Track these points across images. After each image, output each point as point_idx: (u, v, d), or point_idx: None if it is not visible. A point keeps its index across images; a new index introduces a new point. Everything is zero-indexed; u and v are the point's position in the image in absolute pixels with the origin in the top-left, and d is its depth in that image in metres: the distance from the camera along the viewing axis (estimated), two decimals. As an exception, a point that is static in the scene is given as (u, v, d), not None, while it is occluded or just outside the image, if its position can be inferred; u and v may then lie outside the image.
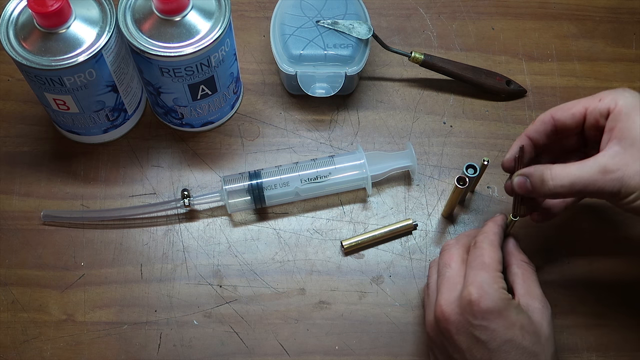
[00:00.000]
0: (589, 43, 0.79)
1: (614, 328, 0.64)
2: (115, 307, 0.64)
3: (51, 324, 0.63)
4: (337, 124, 0.73)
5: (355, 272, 0.66)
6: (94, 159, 0.71)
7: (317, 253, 0.67)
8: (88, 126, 0.68)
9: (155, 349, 0.62)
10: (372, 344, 0.63)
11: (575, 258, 0.67)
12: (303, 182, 0.67)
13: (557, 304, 0.64)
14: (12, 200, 0.69)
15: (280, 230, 0.68)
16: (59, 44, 0.60)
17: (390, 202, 0.69)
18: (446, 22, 0.80)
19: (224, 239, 0.67)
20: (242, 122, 0.73)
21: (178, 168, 0.71)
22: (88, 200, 0.69)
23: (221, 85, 0.67)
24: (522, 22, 0.80)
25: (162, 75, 0.63)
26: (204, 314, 0.64)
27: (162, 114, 0.71)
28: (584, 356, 0.63)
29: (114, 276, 0.66)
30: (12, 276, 0.65)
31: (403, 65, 0.76)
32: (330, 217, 0.69)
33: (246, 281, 0.65)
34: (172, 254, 0.66)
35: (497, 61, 0.77)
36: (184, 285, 0.65)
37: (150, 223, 0.68)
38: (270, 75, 0.76)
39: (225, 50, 0.64)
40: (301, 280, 0.66)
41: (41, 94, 0.64)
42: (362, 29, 0.70)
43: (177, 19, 0.61)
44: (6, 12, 0.61)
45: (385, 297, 0.65)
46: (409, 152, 0.68)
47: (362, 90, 0.75)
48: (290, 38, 0.70)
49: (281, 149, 0.72)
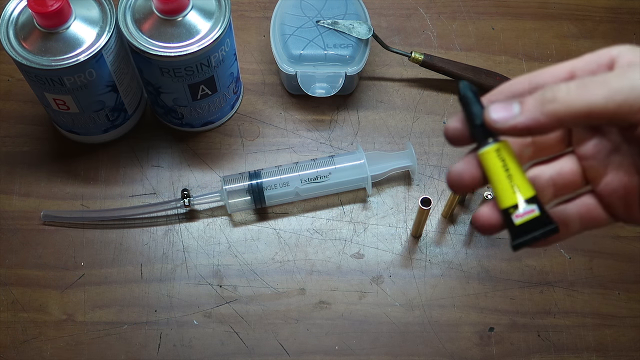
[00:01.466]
0: (589, 43, 0.79)
1: (613, 328, 0.64)
2: (115, 307, 0.64)
3: (51, 324, 0.63)
4: (337, 124, 0.73)
5: (355, 272, 0.66)
6: (94, 159, 0.71)
7: (317, 253, 0.67)
8: (88, 126, 0.68)
9: (155, 349, 0.62)
10: (372, 344, 0.63)
11: (575, 256, 0.67)
12: (303, 182, 0.67)
13: (557, 303, 0.65)
14: (12, 200, 0.69)
15: (280, 230, 0.68)
16: (59, 44, 0.60)
17: (390, 202, 0.69)
18: (446, 22, 0.80)
19: (224, 239, 0.67)
20: (242, 122, 0.73)
21: (178, 168, 0.71)
22: (88, 200, 0.69)
23: (221, 85, 0.67)
24: (522, 22, 0.80)
25: (162, 75, 0.63)
26: (204, 314, 0.64)
27: (162, 114, 0.71)
28: (584, 356, 0.63)
29: (114, 276, 0.66)
30: (12, 276, 0.65)
31: (403, 65, 0.76)
32: (330, 217, 0.69)
33: (246, 281, 0.65)
34: (172, 254, 0.66)
35: (497, 61, 0.77)
36: (184, 285, 0.65)
37: (150, 223, 0.68)
38: (270, 75, 0.76)
39: (225, 50, 0.64)
40: (301, 280, 0.66)
41: (41, 94, 0.64)
42: (362, 29, 0.70)
43: (177, 19, 0.61)
44: (6, 12, 0.61)
45: (385, 297, 0.65)
46: (409, 152, 0.68)
47: (362, 90, 0.75)
48: (290, 38, 0.70)
49: (281, 149, 0.72)
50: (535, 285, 0.65)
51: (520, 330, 0.64)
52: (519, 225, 0.37)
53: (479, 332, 0.63)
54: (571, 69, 0.38)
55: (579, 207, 0.40)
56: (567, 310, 0.64)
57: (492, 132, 0.36)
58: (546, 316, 0.64)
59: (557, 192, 0.40)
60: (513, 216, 0.37)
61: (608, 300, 0.65)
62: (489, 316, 0.64)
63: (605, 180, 0.39)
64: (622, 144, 0.38)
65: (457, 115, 0.38)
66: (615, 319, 0.64)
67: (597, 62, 0.38)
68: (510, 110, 0.36)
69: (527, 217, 0.37)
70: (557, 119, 0.35)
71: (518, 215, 0.37)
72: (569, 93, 0.35)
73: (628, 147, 0.38)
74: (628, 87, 0.34)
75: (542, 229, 0.37)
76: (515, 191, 0.37)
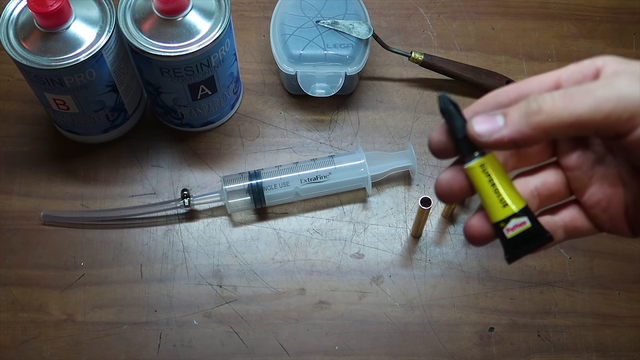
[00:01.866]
0: (589, 43, 0.79)
1: (614, 328, 0.64)
2: (115, 307, 0.64)
3: (51, 324, 0.63)
4: (337, 124, 0.73)
5: (355, 272, 0.66)
6: (94, 159, 0.71)
7: (317, 253, 0.67)
8: (88, 126, 0.68)
9: (155, 349, 0.62)
10: (372, 344, 0.63)
11: (575, 256, 0.67)
12: (303, 182, 0.67)
13: (557, 303, 0.65)
14: (12, 200, 0.69)
15: (280, 230, 0.68)
16: (59, 44, 0.60)
17: (390, 202, 0.69)
18: (446, 22, 0.80)
19: (224, 239, 0.67)
20: (242, 122, 0.73)
21: (178, 168, 0.71)
22: (88, 200, 0.69)
23: (221, 85, 0.67)
24: (522, 22, 0.80)
25: (162, 75, 0.63)
26: (204, 314, 0.64)
27: (162, 114, 0.71)
28: (584, 356, 0.62)
29: (114, 276, 0.66)
30: (12, 276, 0.65)
31: (403, 65, 0.76)
32: (330, 217, 0.69)
33: (246, 281, 0.65)
34: (172, 254, 0.66)
35: (497, 61, 0.77)
36: (183, 285, 0.65)
37: (150, 223, 0.68)
38: (270, 75, 0.76)
39: (225, 50, 0.64)
40: (301, 280, 0.65)
41: (41, 94, 0.64)
42: (362, 29, 0.70)
43: (177, 19, 0.61)
44: (6, 12, 0.61)
45: (385, 297, 0.65)
46: (409, 152, 0.68)
47: (362, 90, 0.75)
48: (290, 38, 0.70)
49: (281, 149, 0.72)
50: (535, 285, 0.65)
51: (521, 330, 0.64)
52: (510, 239, 0.36)
53: (479, 332, 0.63)
54: (557, 80, 0.37)
55: (563, 217, 0.39)
56: (567, 310, 0.64)
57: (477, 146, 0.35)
58: (546, 316, 0.64)
59: (542, 203, 0.39)
60: (504, 230, 0.36)
61: (608, 300, 0.65)
62: (489, 316, 0.64)
63: (589, 192, 0.38)
64: (606, 155, 0.38)
65: (441, 127, 0.37)
66: (615, 319, 0.64)
67: (582, 72, 0.37)
68: (494, 123, 0.35)
69: (518, 230, 0.36)
70: (543, 130, 0.34)
71: (509, 229, 0.36)
72: (555, 103, 0.34)
73: (612, 158, 0.38)
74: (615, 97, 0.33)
75: (534, 240, 0.37)
76: (503, 205, 0.36)
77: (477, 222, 0.38)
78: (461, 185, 0.37)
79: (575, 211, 0.40)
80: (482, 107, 0.38)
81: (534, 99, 0.34)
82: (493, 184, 0.36)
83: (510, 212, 0.36)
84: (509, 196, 0.36)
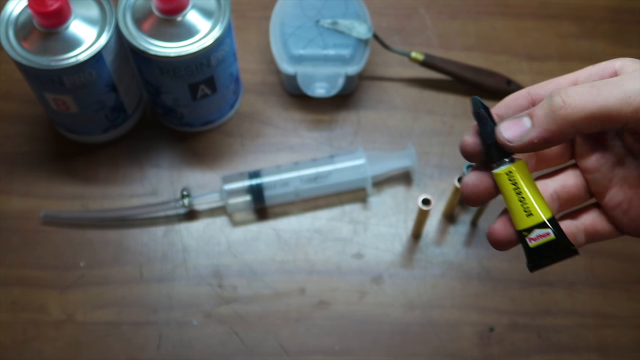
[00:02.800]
0: (590, 43, 0.78)
1: (614, 328, 0.64)
2: (115, 307, 0.64)
3: (51, 324, 0.63)
4: (337, 124, 0.73)
5: (355, 272, 0.66)
6: (94, 159, 0.71)
7: (317, 253, 0.67)
8: (87, 126, 0.68)
9: (154, 349, 0.62)
10: (372, 344, 0.63)
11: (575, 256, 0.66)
12: (303, 182, 0.66)
13: (557, 303, 0.65)
14: (12, 200, 0.69)
15: (280, 230, 0.68)
16: (59, 44, 0.60)
17: (390, 202, 0.69)
18: (446, 22, 0.79)
19: (224, 239, 0.67)
20: (242, 122, 0.73)
21: (178, 168, 0.71)
22: (88, 200, 0.69)
23: (221, 85, 0.67)
24: (523, 22, 0.80)
25: (161, 75, 0.63)
26: (204, 314, 0.64)
27: (162, 114, 0.71)
28: (584, 356, 0.62)
29: (114, 276, 0.65)
30: (12, 276, 0.65)
31: (403, 65, 0.76)
32: (330, 217, 0.68)
33: (246, 281, 0.65)
34: (171, 254, 0.66)
35: (497, 61, 0.77)
36: (183, 285, 0.65)
37: (150, 223, 0.68)
38: (270, 75, 0.76)
39: (225, 50, 0.64)
40: (301, 281, 0.65)
41: (41, 94, 0.64)
42: (362, 29, 0.70)
43: (177, 18, 0.61)
44: (6, 12, 0.61)
45: (385, 297, 0.65)
46: (409, 152, 0.68)
47: (362, 90, 0.75)
48: (290, 38, 0.70)
49: (281, 149, 0.72)
50: (535, 285, 0.65)
51: (521, 330, 0.63)
52: (533, 248, 0.36)
53: (479, 332, 0.63)
54: (574, 81, 0.37)
55: (584, 220, 0.39)
56: (568, 310, 0.64)
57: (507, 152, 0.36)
58: (546, 316, 0.64)
59: (562, 206, 0.39)
60: (527, 239, 0.36)
61: (608, 300, 0.65)
62: (489, 316, 0.64)
63: (610, 194, 0.38)
64: (626, 156, 0.38)
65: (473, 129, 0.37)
66: (615, 319, 0.64)
67: (600, 74, 0.37)
68: (522, 126, 0.35)
69: (542, 241, 0.36)
70: (571, 124, 0.34)
71: (531, 239, 0.36)
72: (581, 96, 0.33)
73: (632, 160, 0.38)
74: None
75: (558, 252, 0.36)
76: (527, 215, 0.36)
77: (501, 227, 0.38)
78: (487, 187, 0.38)
79: (596, 214, 0.39)
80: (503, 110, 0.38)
81: (556, 93, 0.34)
82: (519, 192, 0.36)
83: (533, 222, 0.36)
84: (534, 206, 0.36)
